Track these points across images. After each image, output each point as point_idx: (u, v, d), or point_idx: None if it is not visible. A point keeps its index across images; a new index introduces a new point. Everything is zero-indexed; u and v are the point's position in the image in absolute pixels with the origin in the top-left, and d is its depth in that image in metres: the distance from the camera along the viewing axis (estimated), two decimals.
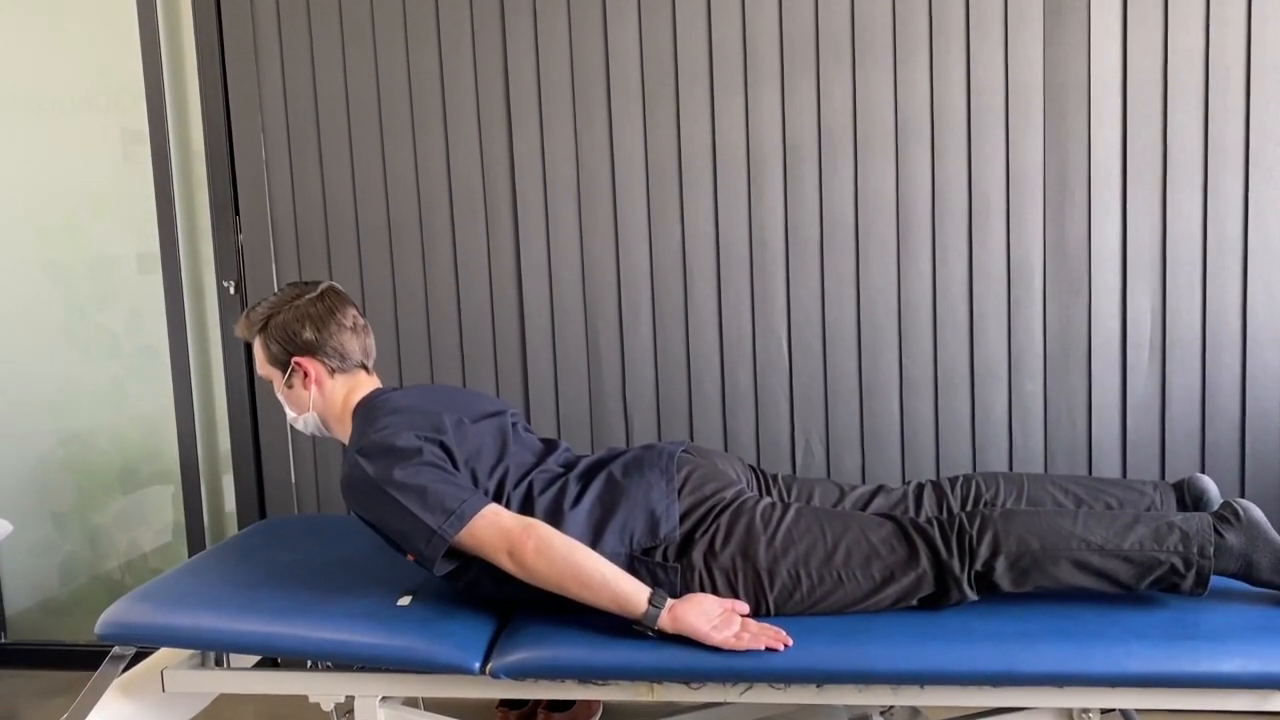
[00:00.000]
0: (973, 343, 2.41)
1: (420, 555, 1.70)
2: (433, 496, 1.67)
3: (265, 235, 2.63)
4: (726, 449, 2.51)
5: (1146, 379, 2.36)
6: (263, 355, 1.95)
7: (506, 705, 2.41)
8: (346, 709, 1.86)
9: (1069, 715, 1.64)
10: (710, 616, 1.62)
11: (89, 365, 2.84)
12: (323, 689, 1.81)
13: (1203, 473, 2.34)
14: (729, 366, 2.49)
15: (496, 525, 1.67)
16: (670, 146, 2.46)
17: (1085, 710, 1.62)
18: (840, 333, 2.45)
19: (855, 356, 2.45)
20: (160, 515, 2.88)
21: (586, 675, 1.65)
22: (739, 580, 1.70)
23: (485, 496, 1.74)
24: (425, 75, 2.53)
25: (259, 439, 2.72)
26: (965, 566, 1.66)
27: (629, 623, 1.64)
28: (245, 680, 1.90)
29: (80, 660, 2.86)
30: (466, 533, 1.67)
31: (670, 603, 1.63)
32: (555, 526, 1.70)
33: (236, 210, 2.65)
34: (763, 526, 1.72)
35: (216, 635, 1.77)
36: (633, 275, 2.50)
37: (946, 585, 1.66)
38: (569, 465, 1.89)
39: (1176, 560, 1.61)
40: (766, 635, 1.60)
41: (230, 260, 2.67)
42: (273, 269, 2.64)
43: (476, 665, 1.66)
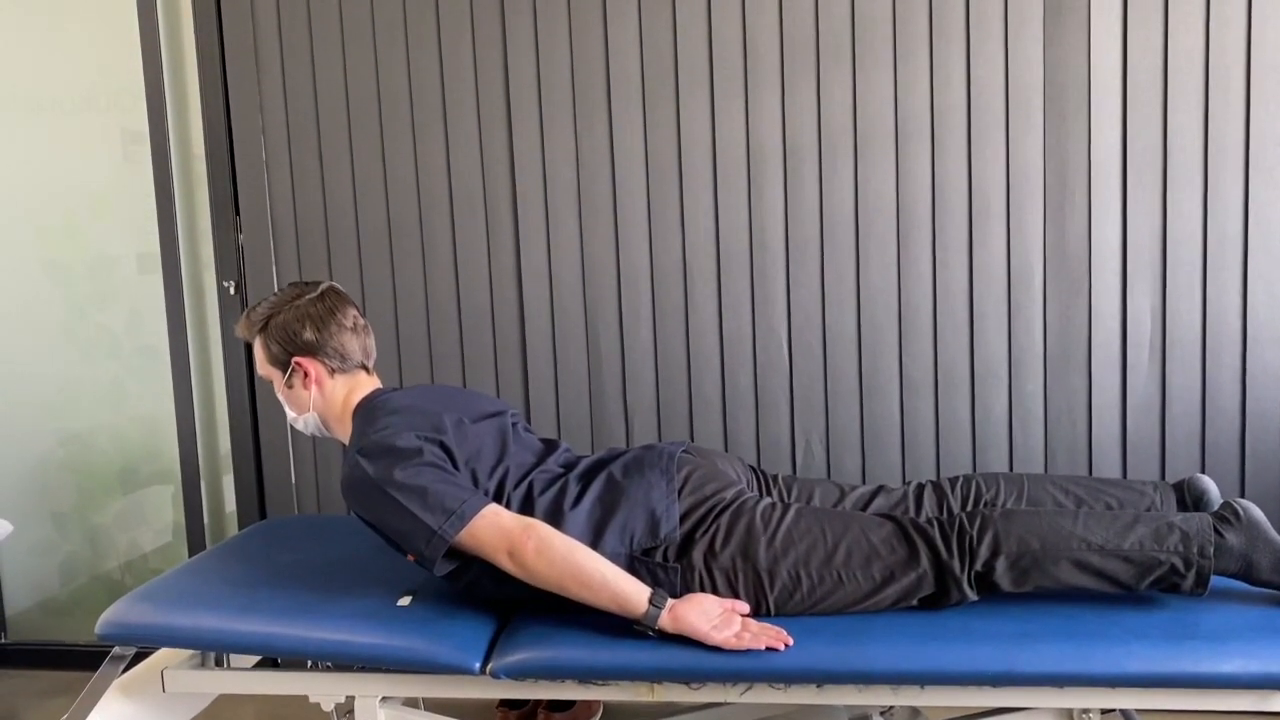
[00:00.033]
0: (973, 343, 2.41)
1: (420, 555, 1.70)
2: (433, 497, 1.67)
3: (265, 235, 2.63)
4: (727, 449, 2.51)
5: (1147, 379, 2.36)
6: (263, 355, 1.95)
7: (507, 705, 2.41)
8: (347, 709, 1.86)
9: (1069, 715, 1.64)
10: (711, 616, 1.62)
11: (89, 365, 2.84)
12: (323, 689, 1.81)
13: (1203, 473, 2.34)
14: (729, 367, 2.49)
15: (497, 525, 1.67)
16: (670, 147, 2.46)
17: (1085, 710, 1.62)
18: (840, 333, 2.45)
19: (855, 357, 2.45)
20: (160, 515, 2.88)
21: (586, 675, 1.65)
22: (739, 580, 1.70)
23: (485, 497, 1.74)
24: (425, 75, 2.53)
25: (259, 439, 2.72)
26: (965, 567, 1.66)
27: (629, 623, 1.64)
28: (245, 680, 1.90)
29: (80, 660, 2.86)
30: (467, 533, 1.67)
31: (671, 602, 1.63)
32: (555, 527, 1.70)
33: (237, 210, 2.65)
34: (763, 527, 1.72)
35: (217, 635, 1.77)
36: (633, 275, 2.50)
37: (947, 585, 1.66)
38: (569, 465, 1.89)
39: (1177, 560, 1.61)
40: (767, 635, 1.60)
41: (230, 260, 2.67)
42: (273, 269, 2.64)
43: (477, 665, 1.66)
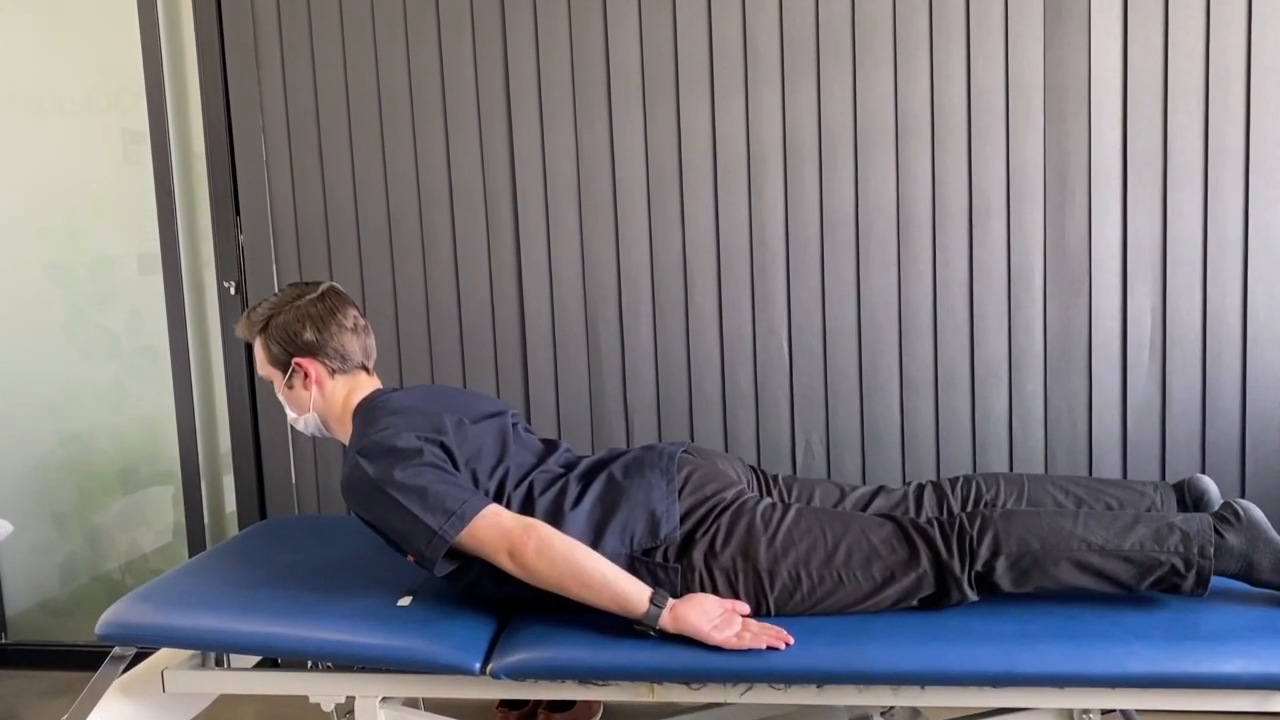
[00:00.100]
0: (973, 343, 2.40)
1: (421, 556, 1.70)
2: (433, 497, 1.67)
3: (265, 234, 2.63)
4: (727, 449, 2.50)
5: (1147, 379, 2.36)
6: (263, 356, 1.95)
7: (507, 705, 2.41)
8: (347, 709, 1.86)
9: (1069, 716, 1.64)
10: (711, 616, 1.62)
11: (89, 365, 2.84)
12: (323, 689, 1.81)
13: (1203, 473, 2.34)
14: (729, 366, 2.49)
15: (497, 526, 1.67)
16: (670, 145, 2.46)
17: (1086, 711, 1.62)
18: (840, 333, 2.45)
19: (855, 356, 2.45)
20: (160, 515, 2.88)
21: (587, 676, 1.65)
22: (739, 581, 1.70)
23: (486, 497, 1.74)
24: (425, 72, 2.53)
25: (259, 439, 2.72)
26: (966, 567, 1.66)
27: (629, 623, 1.64)
28: (245, 681, 1.90)
29: (80, 660, 2.86)
30: (467, 533, 1.67)
31: (671, 602, 1.63)
32: (556, 527, 1.70)
33: (237, 209, 2.65)
34: (763, 527, 1.72)
35: (217, 636, 1.77)
36: (633, 274, 2.50)
37: (947, 586, 1.66)
38: (569, 466, 1.89)
39: (1177, 561, 1.61)
40: (768, 635, 1.60)
41: (231, 260, 2.67)
42: (273, 269, 2.64)
43: (477, 666, 1.66)
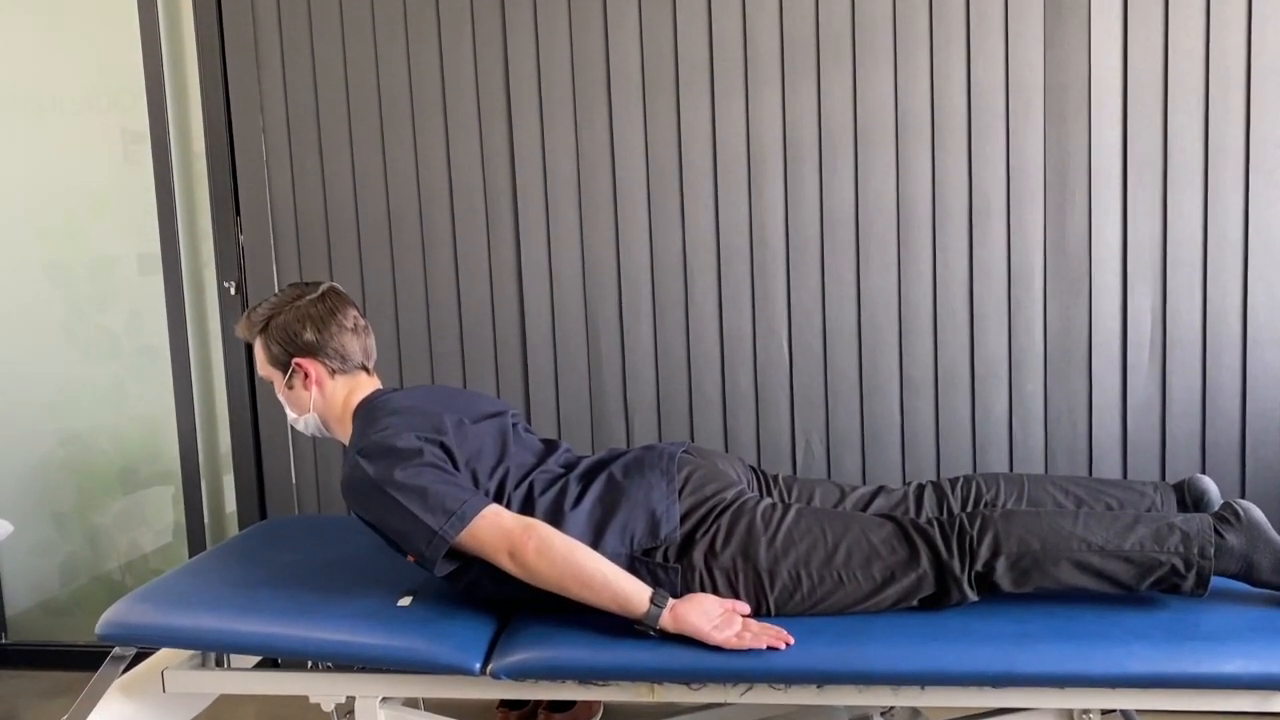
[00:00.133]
0: (973, 343, 2.40)
1: (421, 556, 1.70)
2: (434, 497, 1.67)
3: (266, 233, 2.63)
4: (727, 449, 2.50)
5: (1147, 379, 2.36)
6: (263, 356, 1.95)
7: (507, 706, 2.41)
8: (347, 709, 1.86)
9: (1070, 716, 1.64)
10: (711, 616, 1.62)
11: (89, 366, 2.84)
12: (323, 689, 1.81)
13: (1203, 473, 2.34)
14: (729, 366, 2.49)
15: (497, 526, 1.67)
16: (671, 144, 2.46)
17: (1086, 711, 1.62)
18: (840, 333, 2.45)
19: (855, 356, 2.45)
20: (161, 516, 2.88)
21: (587, 676, 1.65)
22: (740, 581, 1.70)
23: (486, 497, 1.74)
24: (425, 71, 2.52)
25: (259, 439, 2.72)
26: (966, 567, 1.66)
27: (629, 623, 1.64)
28: (246, 681, 1.90)
29: (81, 661, 2.86)
30: (467, 533, 1.67)
31: (671, 602, 1.63)
32: (556, 527, 1.70)
33: (237, 210, 2.65)
34: (763, 527, 1.72)
35: (217, 636, 1.77)
36: (633, 273, 2.50)
37: (947, 586, 1.66)
38: (569, 466, 1.89)
39: (1177, 561, 1.61)
40: (768, 635, 1.60)
41: (231, 260, 2.67)
42: (273, 269, 2.64)
43: (477, 666, 1.66)
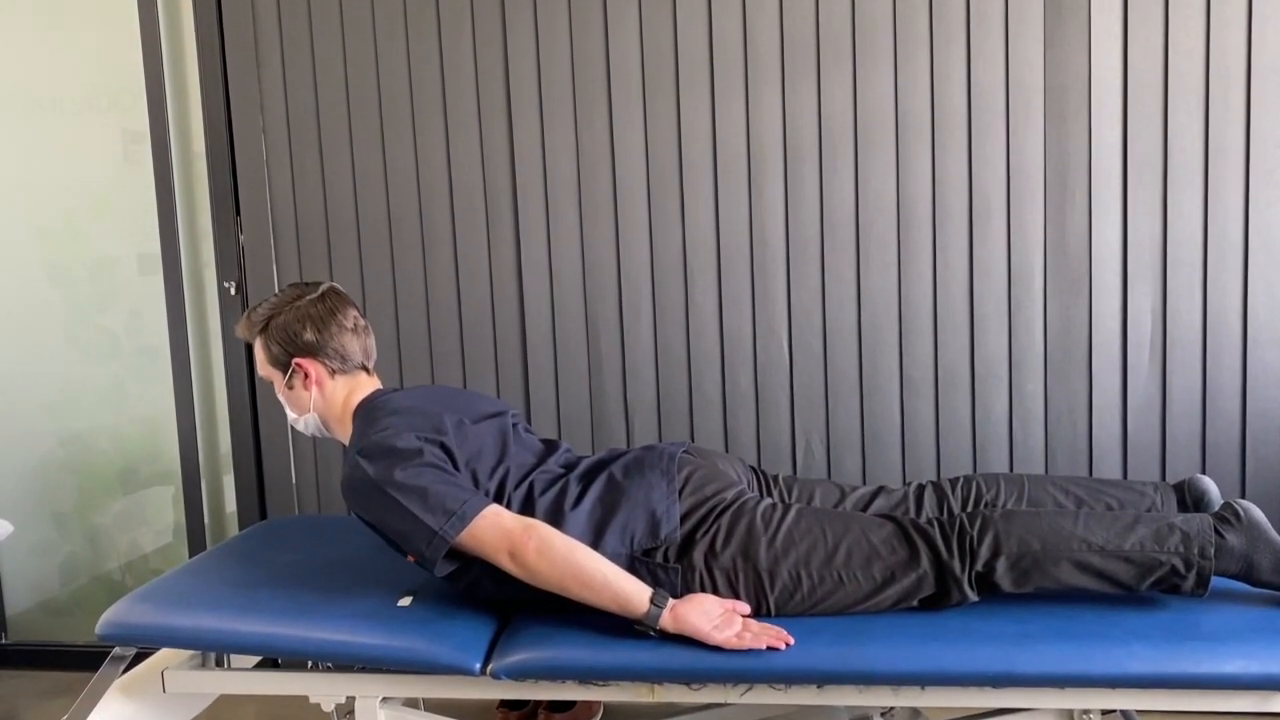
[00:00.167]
0: (973, 343, 2.40)
1: (421, 556, 1.70)
2: (434, 497, 1.67)
3: (266, 233, 2.63)
4: (727, 449, 2.50)
5: (1147, 379, 2.36)
6: (263, 356, 1.95)
7: (507, 706, 2.41)
8: (347, 709, 1.86)
9: (1070, 716, 1.64)
10: (711, 616, 1.62)
11: (90, 366, 2.84)
12: (323, 690, 1.81)
13: (1203, 473, 2.34)
14: (729, 366, 2.49)
15: (498, 526, 1.67)
16: (671, 144, 2.46)
17: (1086, 711, 1.62)
18: (841, 333, 2.45)
19: (856, 356, 2.45)
20: (161, 516, 2.88)
21: (587, 676, 1.65)
22: (740, 581, 1.70)
23: (486, 497, 1.74)
24: (425, 70, 2.52)
25: (260, 439, 2.72)
26: (966, 567, 1.66)
27: (629, 623, 1.64)
28: (246, 681, 1.90)
29: (81, 661, 2.86)
30: (468, 534, 1.67)
31: (672, 602, 1.63)
32: (556, 527, 1.70)
33: (237, 209, 2.65)
34: (763, 527, 1.72)
35: (217, 636, 1.77)
36: (633, 273, 2.50)
37: (947, 586, 1.66)
38: (569, 466, 1.89)
39: (1177, 561, 1.61)
40: (768, 635, 1.60)
41: (231, 260, 2.67)
42: (273, 269, 2.64)
43: (477, 666, 1.66)
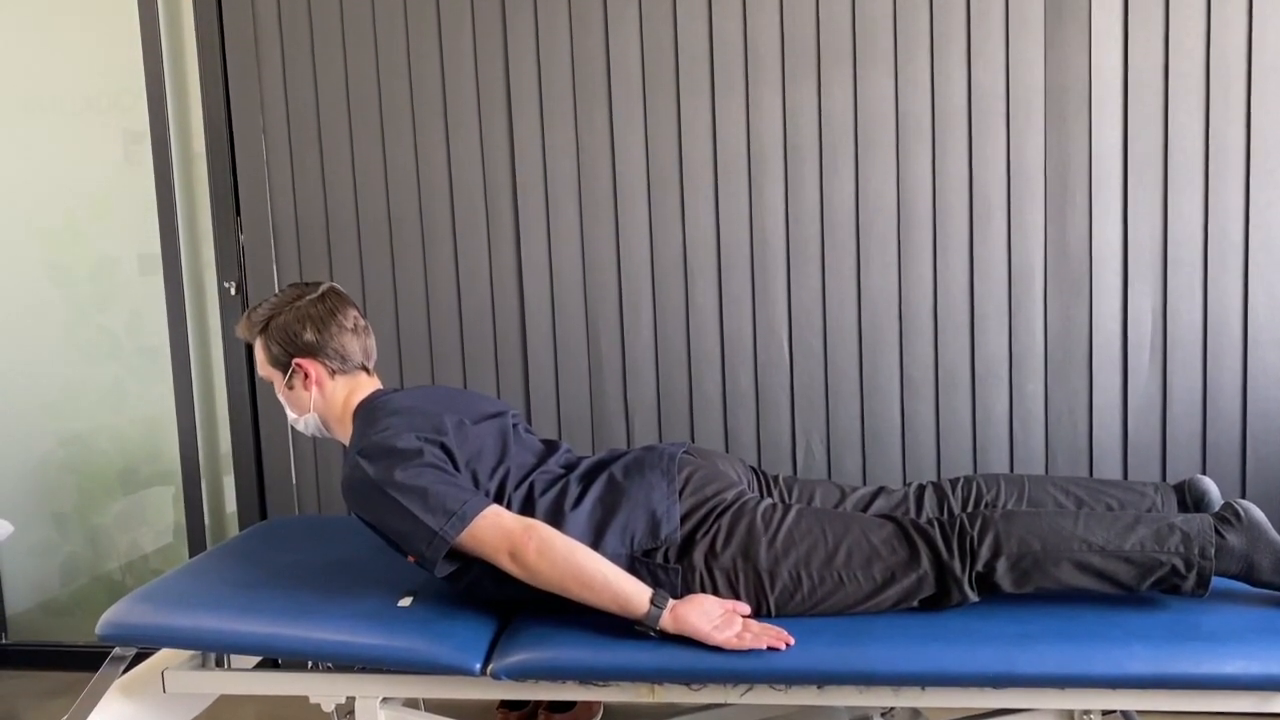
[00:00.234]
0: (973, 343, 2.40)
1: (421, 557, 1.69)
2: (434, 498, 1.67)
3: (266, 233, 2.63)
4: (727, 449, 2.50)
5: (1147, 380, 2.36)
6: (263, 356, 1.95)
7: (507, 706, 2.41)
8: (347, 710, 1.86)
9: (1070, 716, 1.64)
10: (712, 617, 1.62)
11: (90, 366, 2.84)
12: (323, 690, 1.81)
13: (1204, 474, 2.33)
14: (730, 366, 2.49)
15: (498, 526, 1.67)
16: (671, 144, 2.46)
17: (1086, 711, 1.62)
18: (841, 333, 2.45)
19: (856, 357, 2.45)
20: (161, 516, 2.88)
21: (587, 676, 1.65)
22: (740, 581, 1.70)
23: (486, 498, 1.74)
24: (425, 70, 2.52)
25: (260, 440, 2.72)
26: (966, 567, 1.65)
27: (629, 624, 1.64)
28: (246, 681, 1.90)
29: (81, 661, 2.86)
30: (468, 534, 1.67)
31: (672, 603, 1.63)
32: (556, 527, 1.70)
33: (237, 210, 2.65)
34: (764, 527, 1.72)
35: (217, 636, 1.77)
36: (633, 273, 2.50)
37: (948, 586, 1.66)
38: (570, 466, 1.89)
39: (1177, 561, 1.61)
40: (768, 635, 1.60)
41: (231, 261, 2.67)
42: (273, 269, 2.64)
43: (477, 666, 1.66)
